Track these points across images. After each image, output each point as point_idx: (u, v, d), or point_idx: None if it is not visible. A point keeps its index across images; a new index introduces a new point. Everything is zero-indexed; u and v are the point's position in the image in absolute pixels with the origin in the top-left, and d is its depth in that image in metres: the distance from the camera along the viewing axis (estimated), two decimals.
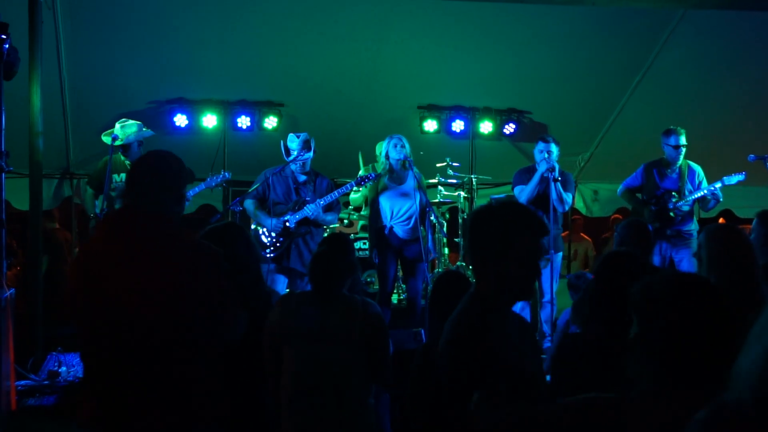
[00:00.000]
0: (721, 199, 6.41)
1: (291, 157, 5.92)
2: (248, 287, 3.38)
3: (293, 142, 5.94)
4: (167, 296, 2.38)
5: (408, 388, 3.25)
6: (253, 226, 6.01)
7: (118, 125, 6.17)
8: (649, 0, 6.19)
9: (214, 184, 6.30)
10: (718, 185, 6.32)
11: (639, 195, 6.64)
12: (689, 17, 6.77)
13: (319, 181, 6.05)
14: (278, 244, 5.85)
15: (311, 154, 5.94)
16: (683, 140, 6.36)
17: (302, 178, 5.99)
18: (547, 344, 5.97)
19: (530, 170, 6.31)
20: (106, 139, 6.11)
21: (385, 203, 6.09)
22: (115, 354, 2.41)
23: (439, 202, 7.61)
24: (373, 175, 5.97)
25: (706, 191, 6.33)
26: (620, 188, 6.79)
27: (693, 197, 6.35)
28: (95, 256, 2.50)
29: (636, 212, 6.64)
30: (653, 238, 5.03)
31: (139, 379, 2.40)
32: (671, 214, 6.36)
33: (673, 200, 6.38)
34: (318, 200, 5.85)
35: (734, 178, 6.38)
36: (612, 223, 9.95)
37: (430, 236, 6.29)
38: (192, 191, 6.05)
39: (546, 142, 6.20)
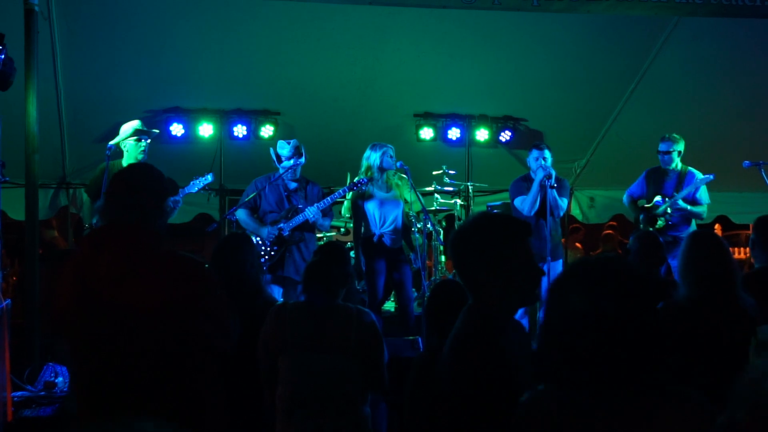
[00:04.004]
0: (704, 202, 6.40)
1: (283, 164, 5.90)
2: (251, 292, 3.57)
3: (284, 149, 5.93)
4: (157, 310, 2.38)
5: (406, 396, 3.22)
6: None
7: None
8: (644, 8, 6.20)
9: (195, 189, 5.89)
10: (691, 189, 6.33)
11: (643, 202, 6.62)
12: (684, 23, 6.77)
13: (310, 188, 6.03)
14: (273, 253, 5.83)
15: (303, 160, 5.92)
16: (672, 146, 6.37)
17: (293, 185, 5.98)
18: None
19: (527, 179, 6.27)
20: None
21: (374, 211, 6.04)
22: (111, 370, 2.40)
23: (436, 210, 7.60)
24: (365, 179, 5.92)
25: (675, 197, 6.32)
26: (624, 197, 6.78)
27: (675, 201, 6.32)
28: (84, 272, 2.47)
29: (638, 221, 6.63)
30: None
31: (136, 394, 2.38)
32: (660, 220, 6.35)
33: (664, 206, 6.37)
34: (317, 204, 5.83)
35: (704, 179, 6.37)
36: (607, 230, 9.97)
37: (425, 243, 6.25)
38: (173, 198, 5.64)
39: (540, 149, 6.19)
